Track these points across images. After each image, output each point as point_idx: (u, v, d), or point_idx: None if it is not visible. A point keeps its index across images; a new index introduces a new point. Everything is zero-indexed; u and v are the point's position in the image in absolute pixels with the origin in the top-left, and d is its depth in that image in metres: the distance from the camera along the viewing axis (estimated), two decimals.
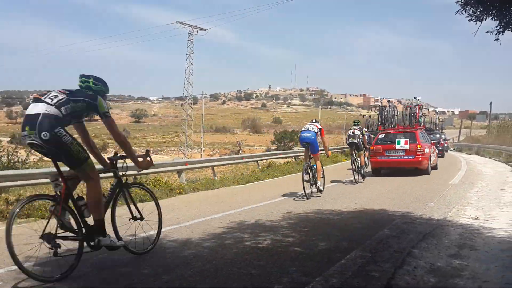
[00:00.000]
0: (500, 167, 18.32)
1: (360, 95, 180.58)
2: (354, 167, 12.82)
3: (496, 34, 4.58)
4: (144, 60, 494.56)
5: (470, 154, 30.34)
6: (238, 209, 8.31)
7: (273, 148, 54.06)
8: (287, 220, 7.02)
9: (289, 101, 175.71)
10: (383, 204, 8.38)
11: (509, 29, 4.49)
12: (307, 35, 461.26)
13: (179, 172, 13.11)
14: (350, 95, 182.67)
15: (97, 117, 4.80)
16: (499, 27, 4.48)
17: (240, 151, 51.71)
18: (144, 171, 11.60)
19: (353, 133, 13.26)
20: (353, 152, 13.02)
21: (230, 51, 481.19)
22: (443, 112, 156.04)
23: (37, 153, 5.78)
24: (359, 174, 12.92)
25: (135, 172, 11.12)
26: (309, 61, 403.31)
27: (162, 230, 6.42)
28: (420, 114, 23.52)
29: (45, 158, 6.14)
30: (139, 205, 5.25)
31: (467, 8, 4.54)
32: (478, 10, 4.47)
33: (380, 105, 23.52)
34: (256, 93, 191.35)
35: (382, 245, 5.11)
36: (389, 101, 23.85)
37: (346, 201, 8.93)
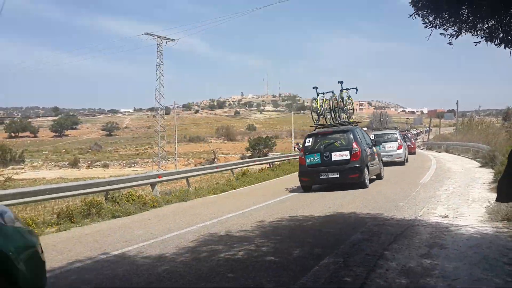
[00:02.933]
0: (468, 164, 18.79)
1: None
2: None
3: (449, 38, 4.70)
4: (113, 72, 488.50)
5: (439, 152, 31.05)
6: (213, 220, 8.27)
7: (248, 155, 54.17)
8: (261, 229, 7.01)
9: (262, 107, 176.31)
10: (355, 207, 8.47)
11: (462, 34, 4.62)
12: (277, 42, 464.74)
13: (152, 185, 12.96)
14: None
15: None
16: (452, 31, 4.61)
17: (215, 160, 51.48)
18: (116, 185, 11.51)
19: None
20: None
21: (201, 60, 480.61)
22: (413, 112, 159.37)
23: None
24: None
25: (107, 187, 10.99)
26: (280, 67, 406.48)
27: (134, 247, 6.35)
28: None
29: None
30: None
31: (420, 13, 4.64)
32: (431, 16, 4.58)
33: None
34: (229, 101, 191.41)
35: (354, 249, 5.16)
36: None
37: (320, 206, 8.99)
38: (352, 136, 11.99)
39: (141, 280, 4.57)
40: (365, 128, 24.44)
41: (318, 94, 14.22)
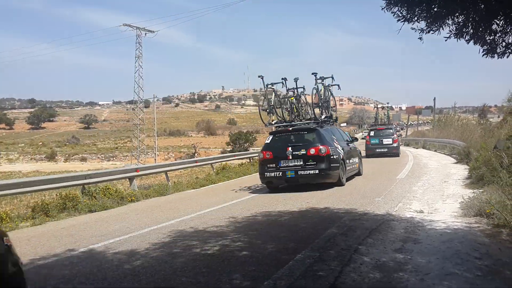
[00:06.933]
0: (444, 160, 19.09)
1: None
2: None
3: (420, 33, 4.77)
4: (92, 64, 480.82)
5: (417, 148, 31.47)
6: (190, 215, 8.23)
7: (228, 149, 54.09)
8: (236, 224, 7.00)
9: (243, 102, 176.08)
10: (333, 203, 8.53)
11: (432, 30, 4.69)
12: (259, 36, 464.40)
13: (131, 179, 12.84)
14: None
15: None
16: (423, 26, 4.68)
17: (196, 154, 51.27)
18: (94, 179, 11.35)
19: None
20: None
21: (182, 53, 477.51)
22: (391, 108, 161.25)
23: None
24: None
25: (84, 181, 10.82)
26: (262, 61, 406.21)
27: (110, 241, 6.28)
28: None
29: None
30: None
31: (392, 7, 4.69)
32: (403, 10, 4.64)
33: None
34: (209, 95, 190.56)
35: (330, 243, 5.19)
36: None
37: (298, 201, 9.02)
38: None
39: (116, 275, 4.52)
40: (344, 124, 24.77)
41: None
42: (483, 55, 4.88)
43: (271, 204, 8.86)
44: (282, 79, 13.34)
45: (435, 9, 4.56)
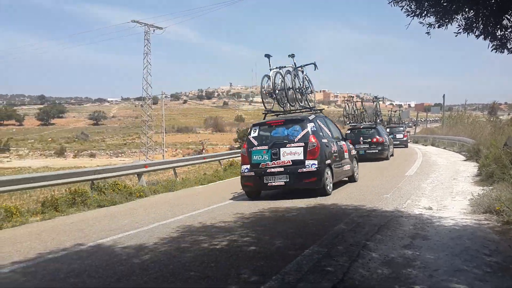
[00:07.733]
0: (453, 157, 18.98)
1: (320, 91, 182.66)
2: None
3: (427, 27, 4.74)
4: (101, 60, 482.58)
5: (426, 145, 31.34)
6: (198, 211, 8.26)
7: (236, 146, 54.09)
8: (244, 219, 7.01)
9: (251, 98, 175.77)
10: (340, 199, 8.52)
11: (441, 25, 4.65)
12: (267, 32, 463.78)
13: (139, 174, 12.90)
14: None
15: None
16: (432, 21, 4.65)
17: (203, 151, 51.37)
18: (102, 175, 11.41)
19: None
20: None
21: (190, 50, 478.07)
22: (400, 105, 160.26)
23: None
24: None
25: (93, 176, 10.90)
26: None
27: (119, 236, 6.33)
28: None
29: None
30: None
31: (400, 1, 4.66)
32: (412, 5, 4.61)
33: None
34: (217, 92, 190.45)
35: (338, 239, 5.18)
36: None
37: (305, 197, 9.00)
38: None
39: (124, 269, 4.55)
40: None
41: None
42: (492, 50, 4.84)
43: (278, 201, 8.85)
44: (351, 96, 23.58)
45: (444, 4, 4.52)
